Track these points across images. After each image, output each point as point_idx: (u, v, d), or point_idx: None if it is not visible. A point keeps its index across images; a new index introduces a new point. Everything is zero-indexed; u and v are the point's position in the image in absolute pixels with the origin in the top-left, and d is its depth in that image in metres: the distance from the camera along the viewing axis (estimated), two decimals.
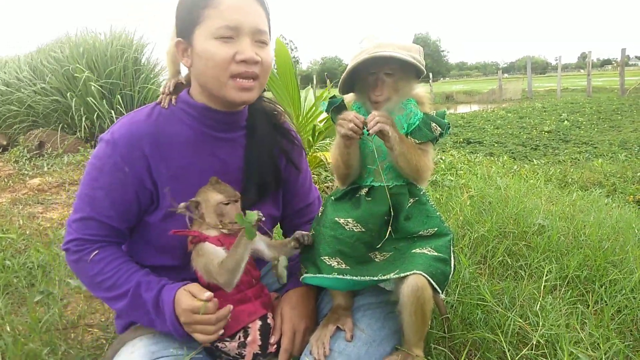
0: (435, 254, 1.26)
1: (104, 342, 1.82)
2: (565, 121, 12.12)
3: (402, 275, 1.18)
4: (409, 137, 1.37)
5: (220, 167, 1.39)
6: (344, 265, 1.28)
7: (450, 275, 1.27)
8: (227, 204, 1.30)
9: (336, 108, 1.40)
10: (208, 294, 1.22)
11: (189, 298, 1.24)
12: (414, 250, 1.29)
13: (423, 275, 1.17)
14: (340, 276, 1.26)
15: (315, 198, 1.69)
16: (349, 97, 1.45)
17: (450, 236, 1.35)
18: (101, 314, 2.10)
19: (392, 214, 1.35)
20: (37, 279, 2.34)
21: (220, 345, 1.29)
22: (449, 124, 1.41)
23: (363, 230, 1.33)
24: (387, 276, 1.21)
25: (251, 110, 1.48)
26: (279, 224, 1.70)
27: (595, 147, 8.71)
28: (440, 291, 1.20)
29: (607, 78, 37.49)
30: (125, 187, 1.31)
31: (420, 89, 1.44)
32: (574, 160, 7.23)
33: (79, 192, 1.35)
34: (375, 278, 1.24)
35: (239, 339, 1.28)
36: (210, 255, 1.27)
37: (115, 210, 1.32)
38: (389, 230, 1.35)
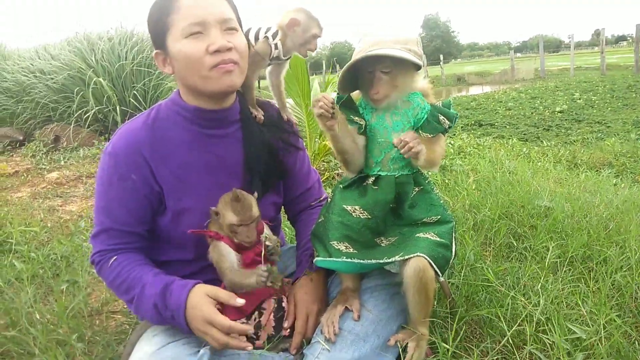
0: (438, 239, 1.32)
1: (127, 327, 1.90)
2: (578, 100, 11.93)
3: (406, 257, 1.25)
4: (419, 131, 1.39)
5: (217, 163, 1.45)
6: (351, 250, 1.34)
7: (451, 260, 1.33)
8: (239, 225, 1.33)
9: (345, 103, 1.43)
10: (241, 301, 1.26)
11: (209, 307, 1.25)
12: (417, 235, 1.35)
13: (425, 258, 1.23)
14: (349, 260, 1.32)
15: (315, 181, 1.73)
16: (355, 94, 1.47)
17: (452, 223, 1.41)
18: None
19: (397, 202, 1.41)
20: (61, 269, 2.43)
21: None
22: (456, 114, 1.43)
23: (369, 217, 1.38)
24: (392, 259, 1.28)
25: (242, 104, 1.52)
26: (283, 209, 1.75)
27: (608, 127, 8.56)
28: (440, 274, 1.26)
29: (621, 55, 36.56)
30: (136, 193, 1.38)
31: (424, 82, 1.45)
32: (585, 141, 7.14)
33: (95, 206, 1.42)
34: (381, 261, 1.30)
35: (255, 320, 1.35)
36: (222, 257, 1.34)
37: (132, 217, 1.39)
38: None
